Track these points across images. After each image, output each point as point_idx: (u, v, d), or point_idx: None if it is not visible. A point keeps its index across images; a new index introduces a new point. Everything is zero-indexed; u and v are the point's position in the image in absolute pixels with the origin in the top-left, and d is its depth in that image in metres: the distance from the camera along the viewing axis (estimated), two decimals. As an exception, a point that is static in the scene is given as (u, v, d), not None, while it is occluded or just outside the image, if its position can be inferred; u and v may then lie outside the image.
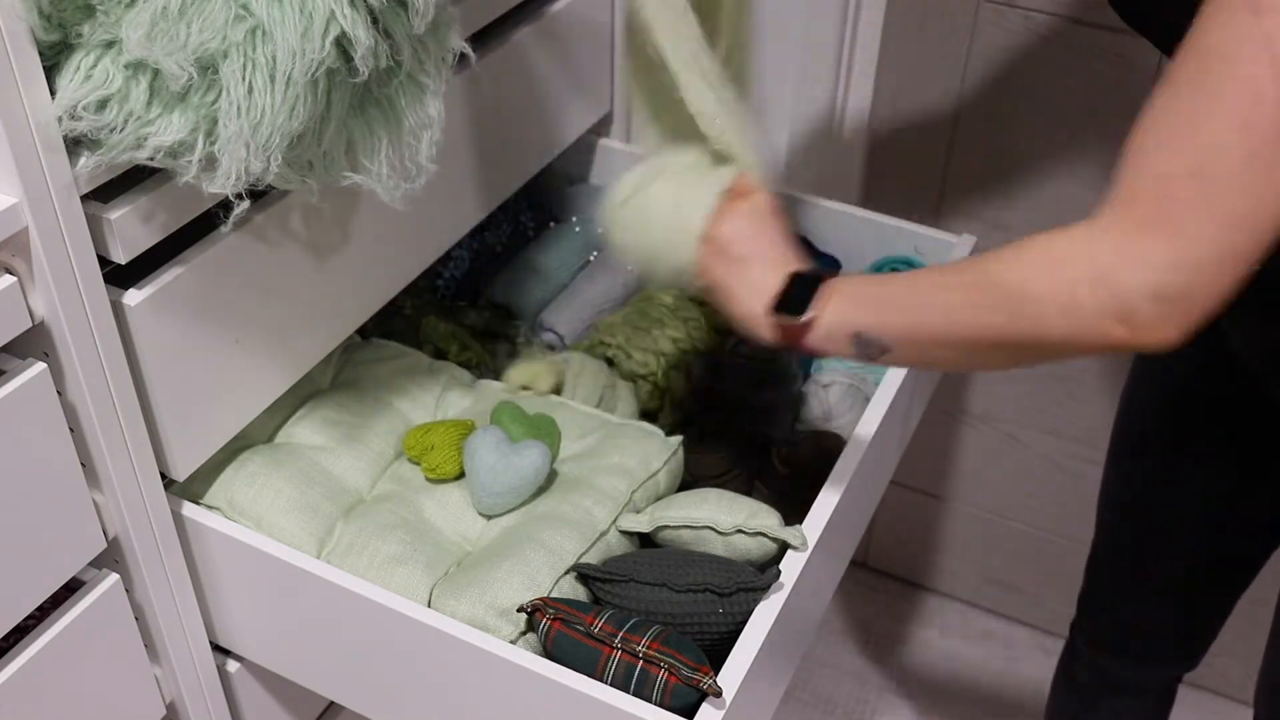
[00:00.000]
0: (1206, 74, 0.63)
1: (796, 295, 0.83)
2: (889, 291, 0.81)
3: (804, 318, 0.81)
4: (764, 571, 0.90)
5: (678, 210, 0.92)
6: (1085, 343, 0.68)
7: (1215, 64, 0.63)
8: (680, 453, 1.08)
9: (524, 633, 0.90)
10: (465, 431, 1.05)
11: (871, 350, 0.79)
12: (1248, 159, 0.62)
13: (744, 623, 0.87)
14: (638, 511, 1.01)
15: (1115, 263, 0.65)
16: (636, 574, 0.90)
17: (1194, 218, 0.63)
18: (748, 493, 1.11)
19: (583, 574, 0.93)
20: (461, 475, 1.03)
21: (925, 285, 0.78)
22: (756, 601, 0.87)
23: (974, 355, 0.76)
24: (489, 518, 1.02)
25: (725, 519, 0.94)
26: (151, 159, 0.74)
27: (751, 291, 0.86)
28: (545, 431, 1.07)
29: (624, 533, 0.99)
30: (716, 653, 0.86)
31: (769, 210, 0.91)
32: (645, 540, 1.00)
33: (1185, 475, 1.12)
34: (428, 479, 1.04)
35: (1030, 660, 1.79)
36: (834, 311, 0.81)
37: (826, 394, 1.19)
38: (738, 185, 0.93)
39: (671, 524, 0.95)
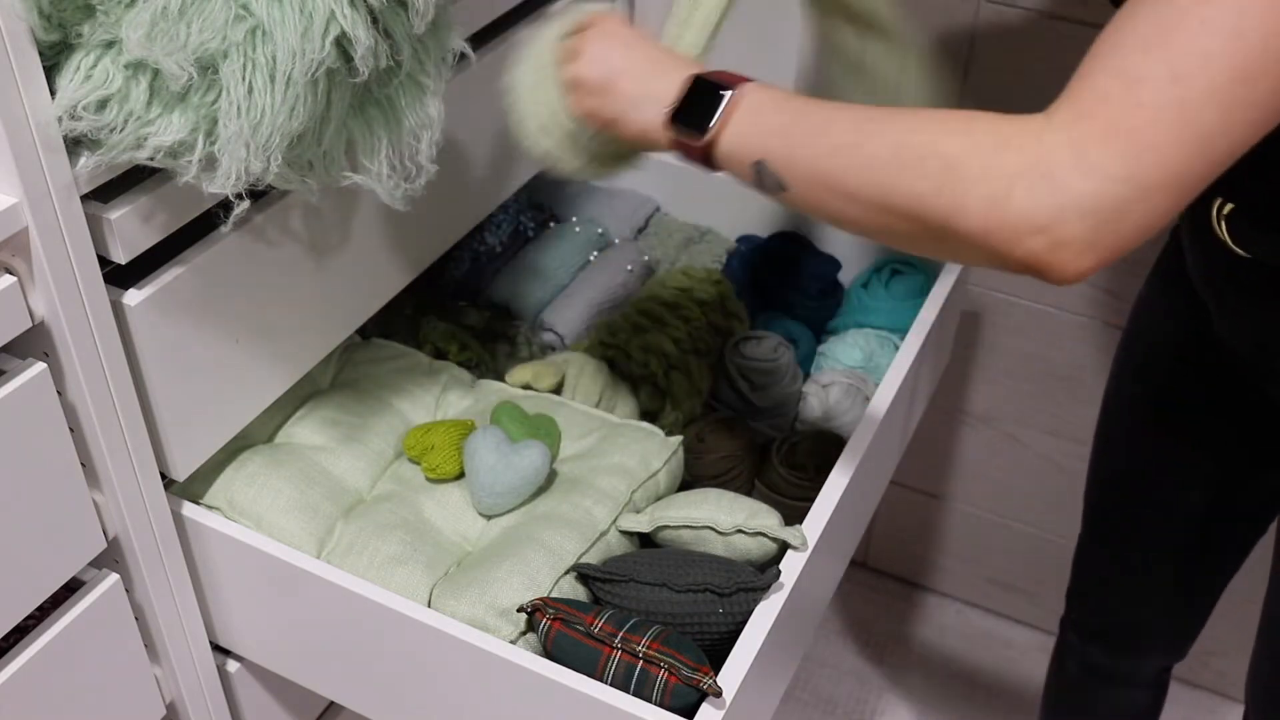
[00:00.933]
0: None
1: (698, 104, 0.74)
2: (807, 122, 0.70)
3: (705, 136, 0.73)
4: (764, 571, 0.90)
5: (536, 75, 0.86)
6: (997, 243, 0.60)
7: None
8: (680, 453, 1.08)
9: (524, 633, 0.90)
10: (465, 431, 1.05)
11: (769, 184, 0.71)
12: (1234, 72, 0.56)
13: (744, 623, 0.87)
14: (638, 511, 1.01)
15: (1063, 162, 0.58)
16: (636, 574, 0.90)
17: (1163, 130, 0.57)
18: (748, 493, 1.11)
19: (583, 574, 0.93)
20: (462, 475, 1.03)
21: (849, 125, 0.68)
22: (756, 601, 0.87)
23: (879, 219, 0.67)
24: (489, 518, 1.02)
25: (725, 519, 0.94)
26: (151, 159, 0.74)
27: (639, 104, 0.78)
28: (545, 431, 1.07)
29: (624, 533, 0.99)
30: (716, 652, 0.86)
31: (622, 25, 0.83)
32: (645, 540, 1.00)
33: (1169, 463, 1.12)
34: (428, 479, 1.04)
35: (1030, 660, 1.79)
36: (738, 131, 0.73)
37: (826, 394, 1.19)
38: (579, 23, 0.86)
39: (671, 524, 0.95)
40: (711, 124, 0.73)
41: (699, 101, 0.75)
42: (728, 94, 0.74)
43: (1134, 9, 0.60)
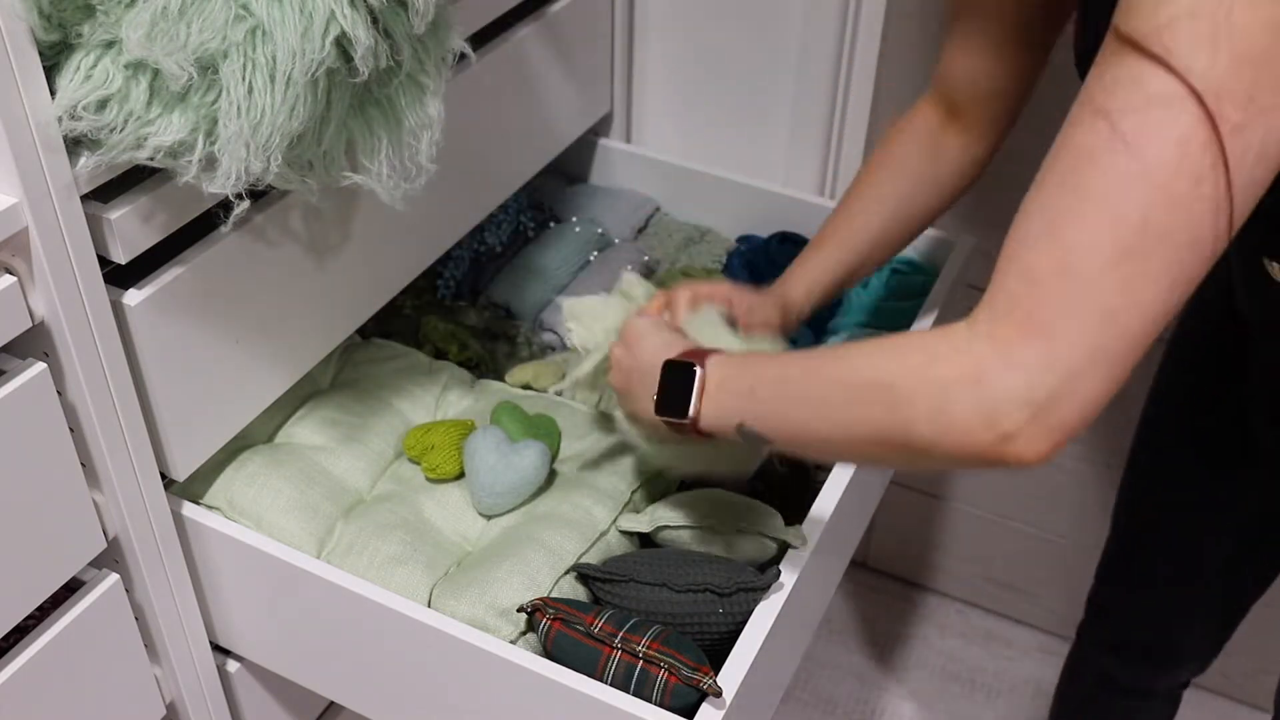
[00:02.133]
0: (1071, 173, 0.62)
1: (676, 388, 0.82)
2: (768, 381, 0.78)
3: (689, 416, 0.80)
4: (764, 571, 0.90)
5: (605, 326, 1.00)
6: (953, 447, 0.65)
7: (1081, 163, 0.61)
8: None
9: (524, 633, 0.90)
10: (465, 432, 1.05)
11: (756, 441, 0.77)
12: (1118, 254, 0.60)
13: (744, 623, 0.87)
14: (637, 512, 1.01)
15: (987, 364, 0.63)
16: (636, 574, 0.90)
17: (1064, 316, 0.61)
18: (748, 493, 1.11)
19: (582, 574, 0.93)
20: (462, 475, 1.03)
21: (800, 376, 0.76)
22: (756, 601, 0.87)
23: (853, 450, 0.75)
24: (489, 518, 1.02)
25: (725, 519, 0.94)
26: (151, 159, 0.74)
27: (647, 401, 0.86)
28: (545, 431, 1.07)
29: (624, 533, 0.99)
30: (717, 652, 0.86)
31: (649, 325, 0.92)
32: (645, 540, 1.00)
33: (1210, 484, 1.10)
34: (428, 479, 1.04)
35: (1030, 660, 1.79)
36: (714, 405, 0.80)
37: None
38: (649, 306, 0.99)
39: (672, 524, 0.95)
40: (690, 405, 0.80)
41: (676, 385, 0.82)
42: (697, 372, 0.81)
43: (1025, 208, 0.64)
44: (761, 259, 1.33)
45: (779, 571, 0.89)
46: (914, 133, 1.06)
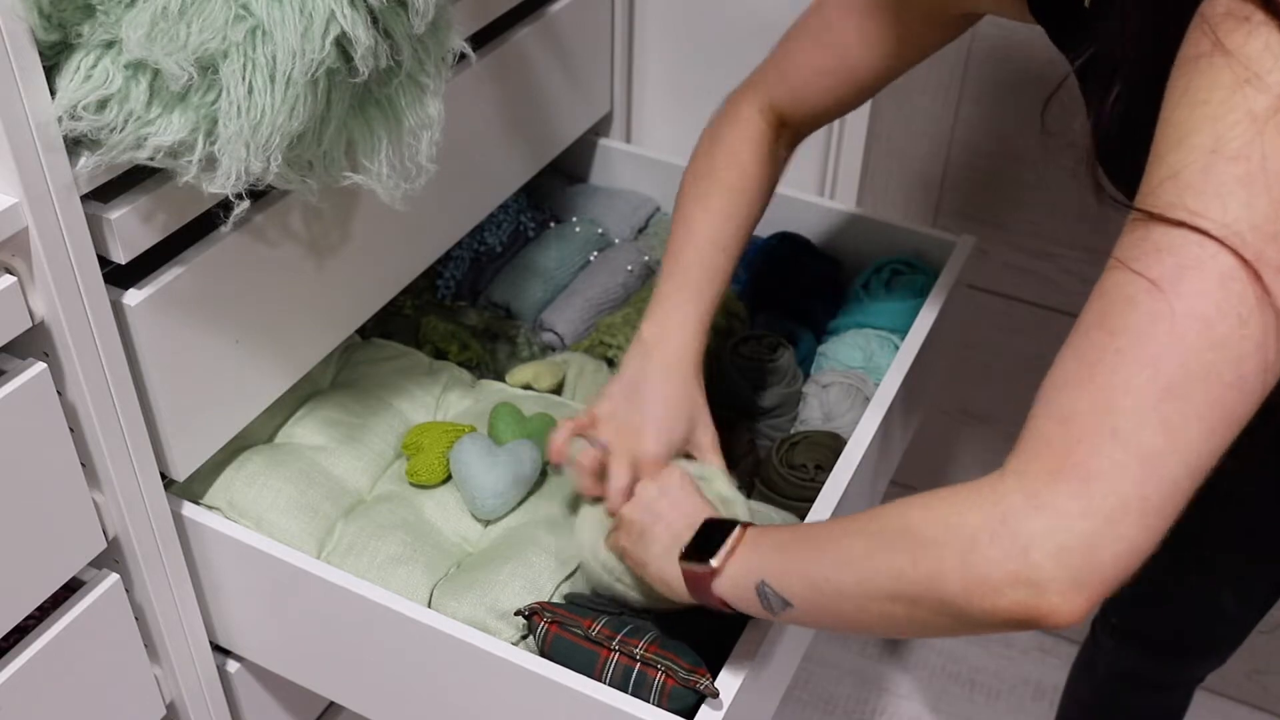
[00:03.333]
0: (1109, 315, 0.59)
1: (707, 542, 0.80)
2: (798, 539, 0.75)
3: (713, 563, 0.78)
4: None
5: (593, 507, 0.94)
6: (983, 603, 0.60)
7: (1118, 306, 0.59)
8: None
9: (525, 635, 0.90)
10: (455, 439, 1.04)
11: (774, 603, 0.74)
12: (1160, 395, 0.57)
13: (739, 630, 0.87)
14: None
15: (1018, 509, 0.59)
16: (627, 601, 0.90)
17: (1100, 456, 0.57)
18: (748, 493, 1.11)
19: (574, 604, 0.92)
20: (443, 483, 1.03)
21: (830, 531, 0.74)
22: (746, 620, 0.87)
23: (875, 607, 0.68)
24: (487, 523, 1.01)
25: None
26: (151, 159, 0.74)
27: (662, 550, 0.84)
28: (543, 432, 1.07)
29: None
30: (716, 653, 0.86)
31: (679, 480, 0.89)
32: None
33: (1238, 476, 1.09)
34: (409, 482, 1.04)
35: (1030, 660, 1.79)
36: (740, 559, 0.77)
37: (826, 394, 1.18)
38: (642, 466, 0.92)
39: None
40: (718, 554, 0.78)
41: (709, 538, 0.80)
42: (735, 530, 0.78)
43: (1061, 355, 0.62)
44: (761, 259, 1.33)
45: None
46: (757, 148, 1.01)
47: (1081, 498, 0.57)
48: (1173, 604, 1.20)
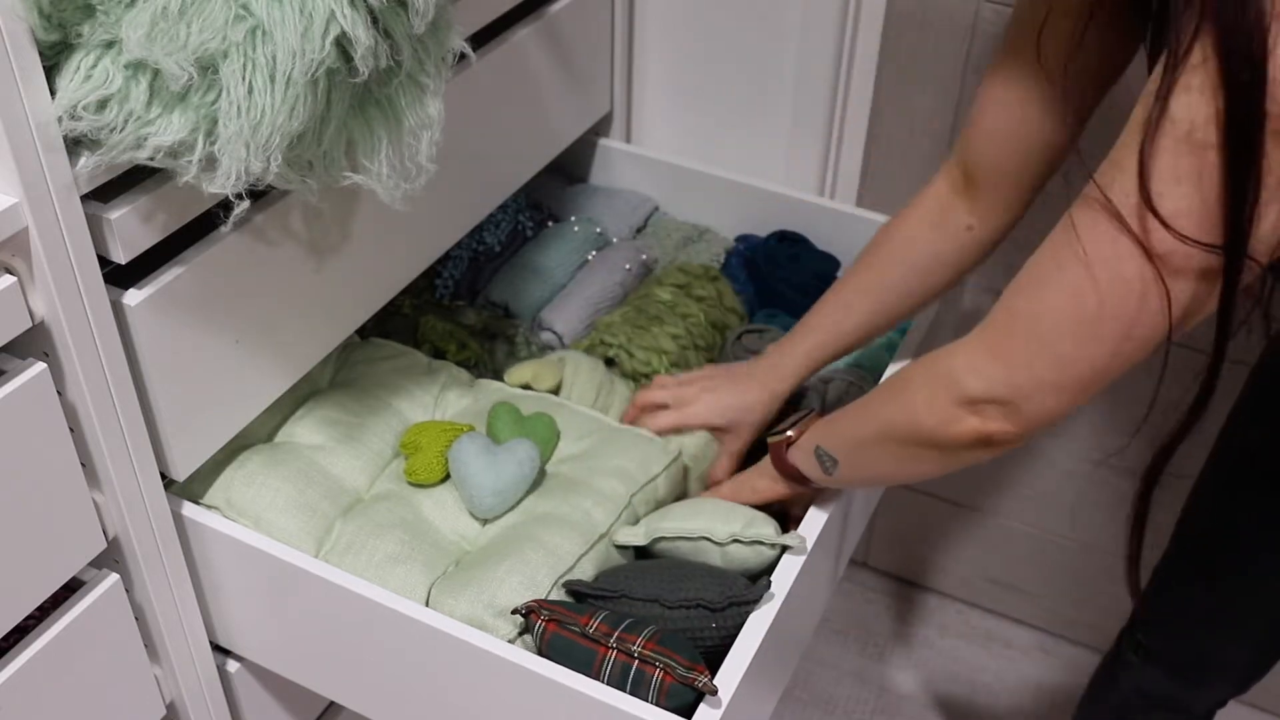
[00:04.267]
0: (1063, 246, 0.75)
1: (780, 417, 1.06)
2: (843, 411, 0.97)
3: (790, 432, 1.00)
4: (760, 579, 0.90)
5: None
6: (950, 432, 0.83)
7: (1071, 239, 0.75)
8: (680, 461, 1.08)
9: (522, 633, 0.90)
10: (453, 439, 1.04)
11: (826, 463, 0.96)
12: (1076, 323, 0.75)
13: (737, 634, 0.87)
14: (637, 516, 1.01)
15: (963, 369, 0.81)
16: (629, 590, 0.90)
17: (1022, 352, 0.78)
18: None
19: (575, 591, 0.92)
20: (440, 482, 1.03)
21: (863, 399, 0.95)
22: (748, 614, 0.87)
23: (888, 452, 0.90)
24: (485, 521, 1.02)
25: (721, 528, 0.93)
26: (151, 159, 0.74)
27: (753, 477, 1.06)
28: (541, 431, 1.07)
29: (620, 547, 0.99)
30: (714, 654, 0.86)
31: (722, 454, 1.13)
32: (641, 550, 1.00)
33: (1275, 509, 1.06)
34: (408, 481, 1.04)
35: (1030, 660, 1.79)
36: (806, 434, 1.00)
37: (826, 390, 1.19)
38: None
39: (668, 535, 0.95)
40: (795, 427, 1.02)
41: (782, 415, 1.09)
42: (809, 413, 1.03)
43: (1030, 260, 0.79)
44: (760, 258, 1.33)
45: (769, 583, 0.89)
46: (922, 208, 1.06)
47: (1000, 373, 0.79)
48: (1198, 633, 1.19)
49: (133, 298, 0.81)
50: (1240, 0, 0.65)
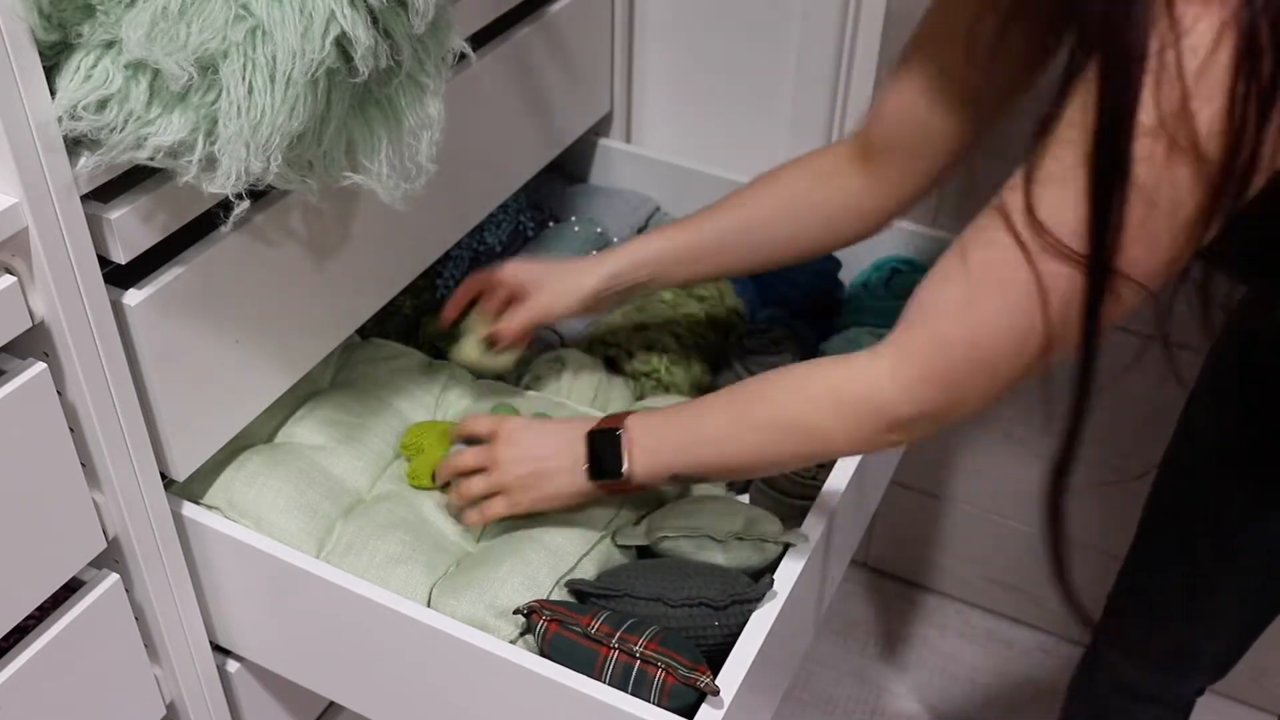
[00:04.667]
0: (981, 266, 0.75)
1: (604, 454, 0.92)
2: (685, 432, 0.90)
3: (622, 475, 0.91)
4: (764, 576, 0.90)
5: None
6: (867, 450, 0.91)
7: (990, 252, 0.74)
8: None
9: (524, 633, 0.90)
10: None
11: (689, 482, 0.94)
12: (1018, 337, 0.74)
13: (740, 632, 0.87)
14: (638, 515, 1.01)
15: (896, 401, 0.79)
16: (631, 589, 0.90)
17: (970, 381, 0.77)
18: (745, 489, 1.11)
19: (577, 590, 0.92)
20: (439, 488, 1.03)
21: (724, 427, 0.88)
22: (751, 612, 0.87)
23: (778, 468, 0.93)
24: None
25: (724, 527, 0.93)
26: (151, 159, 0.74)
27: (561, 483, 0.95)
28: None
29: (621, 547, 0.99)
30: (715, 654, 0.86)
31: (521, 425, 0.99)
32: (643, 549, 1.00)
33: (1251, 498, 1.07)
34: (410, 484, 1.03)
35: (1030, 660, 1.79)
36: (643, 462, 0.90)
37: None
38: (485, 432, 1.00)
39: (670, 534, 0.95)
40: (623, 467, 0.91)
41: (605, 450, 0.92)
42: (622, 434, 0.91)
43: (941, 256, 0.79)
44: (761, 259, 1.33)
45: (772, 581, 0.89)
46: (812, 162, 1.05)
47: (947, 402, 0.78)
48: (1172, 621, 1.20)
49: (133, 298, 0.80)
50: (1124, 13, 0.65)
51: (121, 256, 0.79)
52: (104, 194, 0.77)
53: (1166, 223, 0.68)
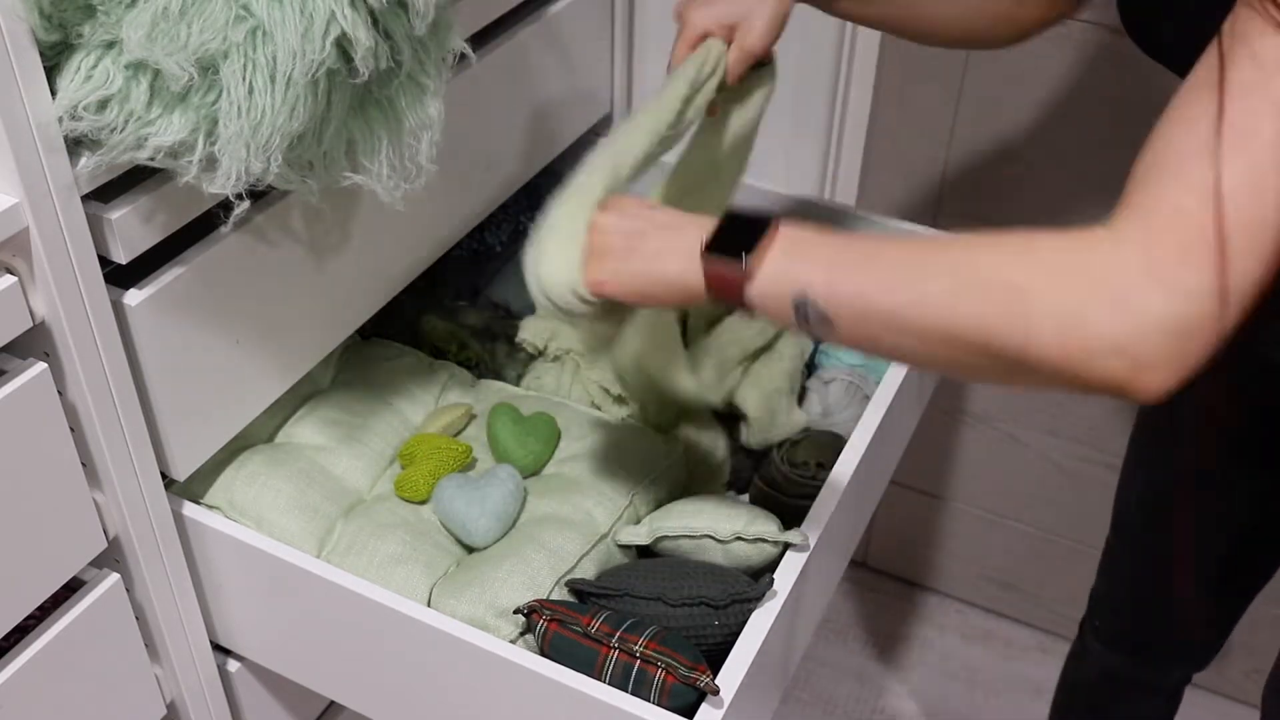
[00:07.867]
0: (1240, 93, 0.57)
1: (735, 237, 0.70)
2: (851, 254, 0.67)
3: (744, 265, 0.68)
4: (760, 579, 0.90)
5: (562, 234, 0.84)
6: (1076, 367, 0.59)
7: (1243, 100, 0.57)
8: (680, 459, 1.08)
9: (524, 633, 0.90)
10: (450, 460, 1.03)
11: (811, 318, 0.66)
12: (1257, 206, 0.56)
13: (740, 632, 0.87)
14: (638, 516, 1.01)
15: (1141, 284, 0.57)
16: (631, 589, 0.90)
17: (1241, 248, 0.56)
18: (747, 488, 1.11)
19: (577, 589, 0.92)
20: (425, 502, 1.03)
21: (897, 258, 0.66)
22: (751, 611, 0.87)
23: (941, 352, 0.64)
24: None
25: (724, 527, 0.94)
26: (152, 159, 0.74)
27: (665, 254, 0.74)
28: (541, 432, 1.07)
29: (622, 546, 0.99)
30: (715, 654, 0.86)
31: (638, 201, 0.83)
32: (644, 549, 1.00)
33: (1219, 481, 1.09)
34: (396, 494, 1.03)
35: (1030, 660, 1.79)
36: (777, 260, 0.68)
37: (827, 391, 1.19)
38: (600, 201, 0.84)
39: (670, 534, 0.95)
40: (751, 252, 0.69)
41: (735, 234, 0.71)
42: (769, 227, 0.70)
43: (1184, 114, 0.59)
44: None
45: (771, 580, 0.89)
46: None
47: (1208, 280, 0.56)
48: (1156, 608, 1.21)
49: (133, 298, 0.81)
50: None
51: (122, 256, 0.79)
52: (104, 194, 0.77)
53: None
